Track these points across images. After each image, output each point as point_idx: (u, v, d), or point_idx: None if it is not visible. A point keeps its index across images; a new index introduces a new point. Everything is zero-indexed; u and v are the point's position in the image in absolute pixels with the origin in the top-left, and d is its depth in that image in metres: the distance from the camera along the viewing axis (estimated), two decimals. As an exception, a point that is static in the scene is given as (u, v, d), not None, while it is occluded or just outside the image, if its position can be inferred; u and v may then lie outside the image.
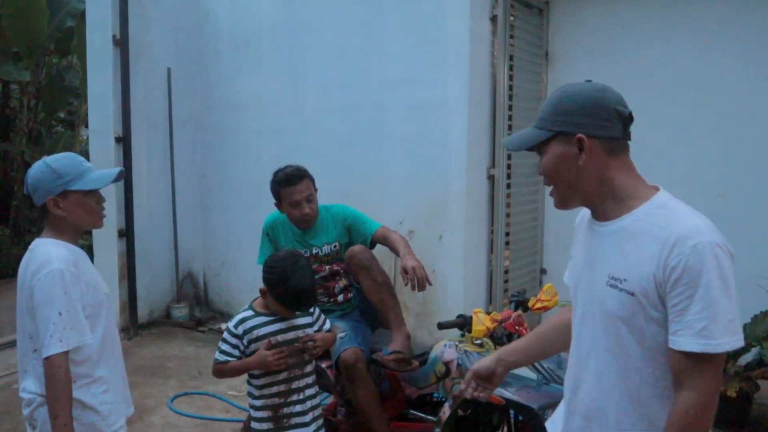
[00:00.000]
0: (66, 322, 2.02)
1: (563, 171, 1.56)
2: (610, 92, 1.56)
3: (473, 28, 4.78)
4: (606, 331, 1.55)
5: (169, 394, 4.55)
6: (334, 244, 3.22)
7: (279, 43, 5.81)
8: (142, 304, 6.04)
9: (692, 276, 1.38)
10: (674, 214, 1.47)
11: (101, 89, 5.79)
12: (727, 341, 1.38)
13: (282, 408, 2.57)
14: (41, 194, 2.15)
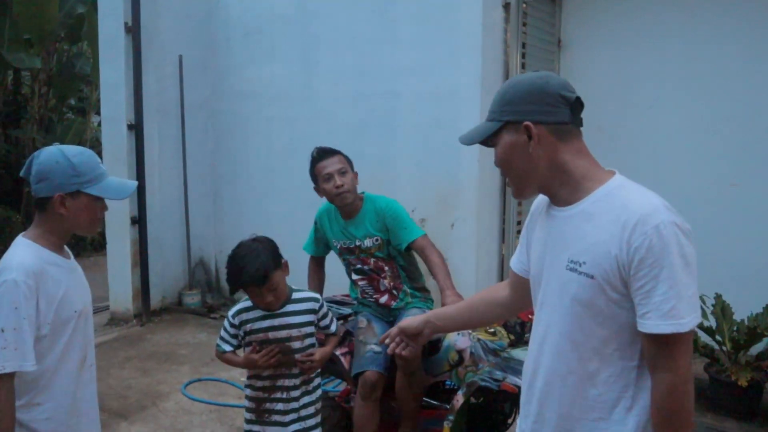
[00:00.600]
0: (9, 342, 1.81)
1: (515, 160, 1.55)
2: (553, 78, 1.55)
3: (486, 16, 4.76)
4: (564, 315, 1.52)
5: (182, 380, 4.59)
6: (376, 237, 3.10)
7: (291, 31, 5.80)
8: (154, 290, 6.09)
9: (656, 256, 1.37)
10: (631, 195, 1.45)
11: (113, 76, 5.81)
12: (691, 319, 1.38)
13: (264, 403, 2.55)
14: (50, 186, 1.93)
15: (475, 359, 2.78)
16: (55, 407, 1.98)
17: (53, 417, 1.97)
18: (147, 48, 5.83)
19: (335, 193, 3.07)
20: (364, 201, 3.17)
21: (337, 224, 3.22)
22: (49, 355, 1.94)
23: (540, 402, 1.61)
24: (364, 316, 3.13)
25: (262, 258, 2.38)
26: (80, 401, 2.06)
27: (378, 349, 2.93)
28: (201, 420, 4.02)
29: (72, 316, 2.00)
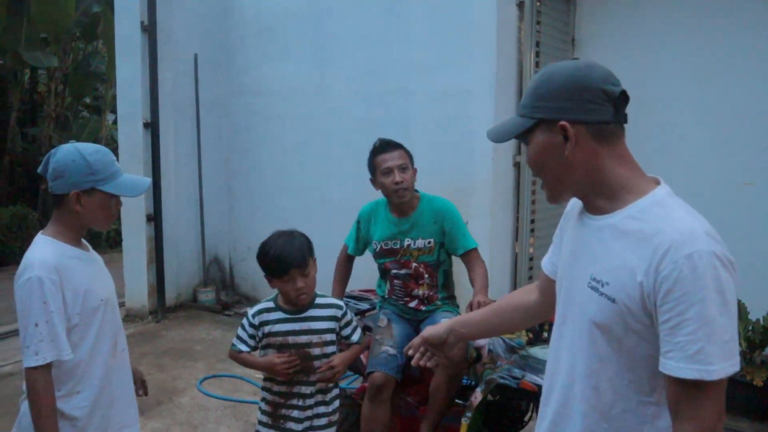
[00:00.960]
0: (42, 334, 1.88)
1: (549, 162, 1.38)
2: (595, 69, 1.35)
3: (500, 14, 4.76)
4: (582, 336, 1.38)
5: (197, 376, 4.63)
6: (429, 240, 3.05)
7: (304, 29, 5.83)
8: (169, 287, 6.14)
9: (685, 289, 1.19)
10: (670, 215, 1.27)
11: (129, 75, 5.86)
12: (723, 366, 1.19)
13: (281, 408, 2.46)
14: (66, 184, 1.98)
15: (494, 357, 2.79)
16: (92, 394, 2.05)
17: (91, 404, 2.05)
18: (162, 47, 5.88)
19: (393, 189, 2.99)
20: (420, 200, 3.11)
21: (387, 221, 3.14)
22: (82, 344, 2.02)
23: (553, 422, 1.48)
24: (386, 315, 3.12)
25: (302, 241, 2.39)
26: (115, 387, 2.14)
27: (392, 351, 2.93)
28: (216, 416, 4.05)
29: (99, 305, 2.06)
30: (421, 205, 3.10)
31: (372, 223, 3.20)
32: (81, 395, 2.03)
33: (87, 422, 2.05)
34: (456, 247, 3.06)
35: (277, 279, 2.36)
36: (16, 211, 9.20)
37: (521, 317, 1.81)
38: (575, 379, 1.40)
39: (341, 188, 5.65)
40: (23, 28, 9.41)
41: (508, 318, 1.82)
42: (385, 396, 2.90)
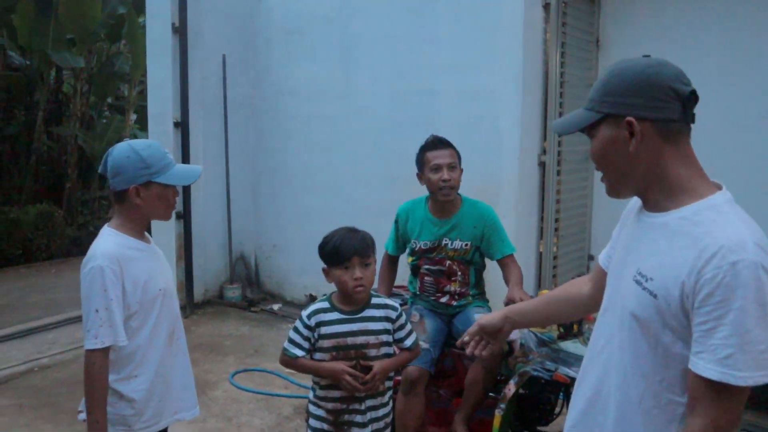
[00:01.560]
0: (102, 320, 2.01)
1: (613, 157, 1.41)
2: (666, 67, 1.38)
3: (526, 15, 4.82)
4: (621, 328, 1.41)
5: (228, 370, 4.74)
6: (467, 242, 3.12)
7: (331, 30, 5.92)
8: (197, 284, 6.26)
9: (726, 295, 1.21)
10: (723, 221, 1.28)
11: (161, 76, 5.99)
12: (752, 375, 1.20)
13: (343, 414, 2.35)
14: (123, 180, 2.10)
15: (525, 350, 2.87)
16: (149, 378, 2.17)
17: (148, 387, 2.17)
18: (192, 48, 6.01)
19: (440, 186, 3.04)
20: (462, 202, 3.18)
21: (427, 221, 3.19)
22: (141, 331, 2.15)
23: (583, 411, 1.52)
24: (418, 311, 3.19)
25: (365, 234, 2.37)
26: (171, 372, 2.25)
27: (425, 345, 3.00)
28: (249, 408, 4.15)
29: (157, 295, 2.18)
30: (462, 208, 3.17)
31: (410, 222, 3.26)
32: (139, 379, 2.15)
33: (145, 405, 2.17)
34: (494, 252, 3.14)
35: (337, 267, 2.29)
36: (41, 209, 9.37)
37: (572, 308, 1.84)
38: (611, 370, 1.43)
39: (367, 187, 5.73)
40: (50, 30, 9.59)
41: (560, 308, 1.87)
42: (419, 389, 2.98)
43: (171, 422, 2.29)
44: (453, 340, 3.15)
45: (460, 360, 3.17)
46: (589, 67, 5.50)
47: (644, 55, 1.45)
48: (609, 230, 5.59)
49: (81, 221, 10.46)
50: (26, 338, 5.55)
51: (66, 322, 6.00)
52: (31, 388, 4.48)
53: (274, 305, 6.36)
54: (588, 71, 5.49)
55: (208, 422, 3.94)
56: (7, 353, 5.16)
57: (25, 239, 9.00)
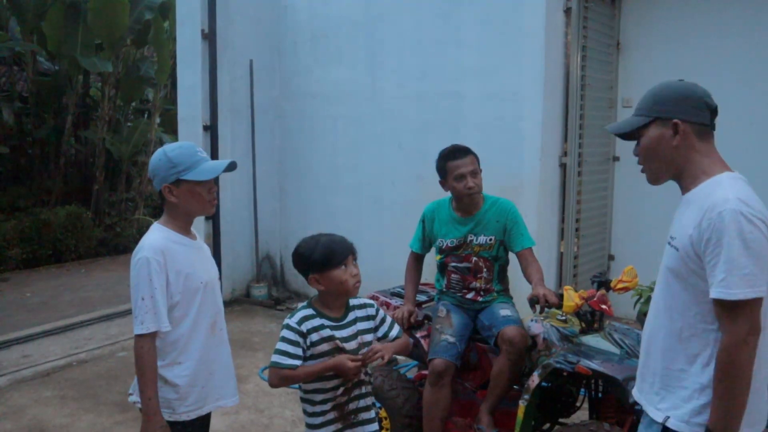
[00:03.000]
0: (148, 307, 2.16)
1: (659, 151, 1.85)
2: (699, 87, 1.85)
3: (549, 20, 4.93)
4: (661, 281, 1.89)
5: (258, 365, 4.90)
6: (491, 237, 3.26)
7: (357, 34, 6.06)
8: (225, 282, 6.43)
9: (717, 237, 1.66)
10: (719, 188, 1.73)
11: (190, 80, 6.19)
12: (742, 291, 1.64)
13: (348, 404, 2.35)
14: (158, 181, 2.28)
15: (548, 344, 2.97)
16: (192, 366, 2.32)
17: (191, 374, 2.31)
18: (221, 53, 6.19)
19: (466, 193, 3.20)
20: (484, 200, 3.32)
21: (451, 219, 3.33)
22: (184, 321, 2.29)
23: (646, 351, 1.95)
24: (444, 306, 3.32)
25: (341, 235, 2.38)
26: (213, 361, 2.39)
27: (452, 339, 3.13)
28: (280, 401, 4.30)
29: (199, 287, 2.31)
30: (485, 205, 3.30)
31: (436, 222, 3.39)
32: (182, 366, 2.30)
33: (188, 390, 2.32)
34: (514, 244, 3.26)
35: (335, 268, 2.25)
36: (70, 210, 9.59)
37: None
38: (659, 313, 1.89)
39: (393, 188, 5.87)
40: (79, 35, 9.83)
41: None
42: (445, 381, 3.10)
43: (213, 408, 2.42)
44: (478, 334, 3.28)
45: (485, 353, 3.28)
46: (609, 70, 5.59)
47: (680, 79, 1.89)
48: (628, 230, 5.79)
49: (108, 222, 10.69)
50: (63, 334, 5.76)
51: (99, 319, 6.21)
52: (71, 381, 4.68)
53: (299, 303, 6.50)
54: (608, 74, 5.59)
55: (241, 414, 4.10)
56: (47, 348, 5.37)
57: (55, 240, 9.23)
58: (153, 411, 2.19)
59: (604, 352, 2.84)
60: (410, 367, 4.43)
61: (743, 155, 4.93)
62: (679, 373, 1.82)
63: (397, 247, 3.87)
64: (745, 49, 4.87)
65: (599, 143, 5.56)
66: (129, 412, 4.07)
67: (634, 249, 5.54)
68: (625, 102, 5.58)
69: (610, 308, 2.97)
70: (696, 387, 1.78)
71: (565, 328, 3.02)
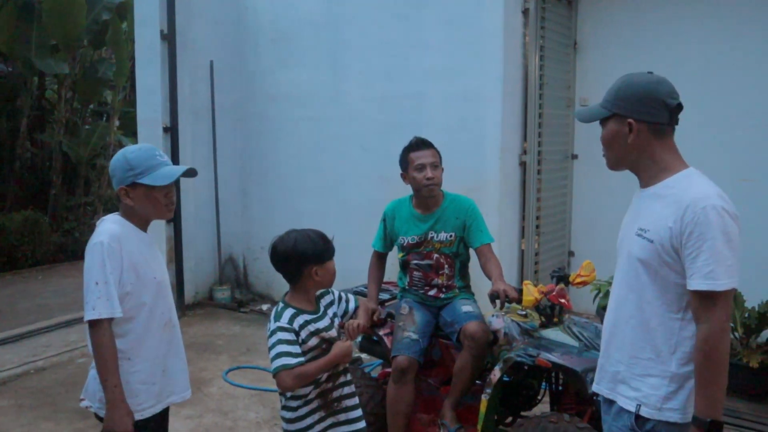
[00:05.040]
0: (101, 292, 2.11)
1: (614, 144, 1.95)
2: (663, 85, 1.90)
3: (507, 21, 5.02)
4: (629, 272, 1.94)
5: (222, 367, 4.86)
6: (451, 233, 3.30)
7: (320, 36, 6.07)
8: (188, 285, 6.37)
9: (702, 231, 1.74)
10: (693, 183, 1.83)
11: (150, 82, 6.10)
12: (727, 282, 1.73)
13: (332, 392, 2.43)
14: (116, 182, 2.27)
15: (509, 339, 3.03)
16: (145, 363, 2.30)
17: (144, 371, 2.29)
18: (181, 54, 6.12)
19: (424, 184, 3.23)
20: (444, 197, 3.36)
21: (411, 217, 3.36)
22: (136, 316, 2.26)
23: (608, 342, 2.02)
24: (407, 303, 3.35)
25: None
26: (166, 357, 2.38)
27: (415, 336, 3.16)
28: (245, 403, 4.28)
29: (152, 281, 2.30)
30: (444, 202, 3.35)
31: (397, 220, 3.42)
32: (134, 362, 2.27)
33: (140, 388, 2.29)
34: (473, 241, 3.30)
35: (330, 259, 2.41)
36: (27, 215, 9.36)
37: None
38: (624, 304, 1.96)
39: (357, 189, 5.88)
40: (33, 36, 9.61)
41: None
42: (409, 378, 3.13)
43: (165, 405, 2.40)
44: (440, 331, 3.32)
45: (448, 349, 3.32)
46: (567, 70, 5.70)
47: (648, 72, 1.95)
48: (588, 227, 5.88)
49: (66, 227, 10.46)
50: (20, 342, 5.62)
51: (58, 326, 6.08)
52: (29, 389, 4.58)
53: (263, 305, 6.49)
54: (566, 73, 5.70)
55: (205, 417, 4.07)
56: (2, 357, 5.24)
57: (11, 246, 9.00)
58: (119, 399, 2.16)
59: (563, 345, 2.91)
60: (374, 366, 4.45)
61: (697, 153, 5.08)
62: (647, 362, 1.89)
63: (361, 247, 3.89)
64: (697, 49, 5.02)
65: (558, 142, 5.67)
66: (89, 419, 3.99)
67: (594, 245, 5.64)
68: (582, 101, 5.70)
69: (569, 302, 3.04)
70: (666, 375, 1.86)
71: (526, 322, 3.08)
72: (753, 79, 4.83)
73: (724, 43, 4.91)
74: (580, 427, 2.68)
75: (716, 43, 4.94)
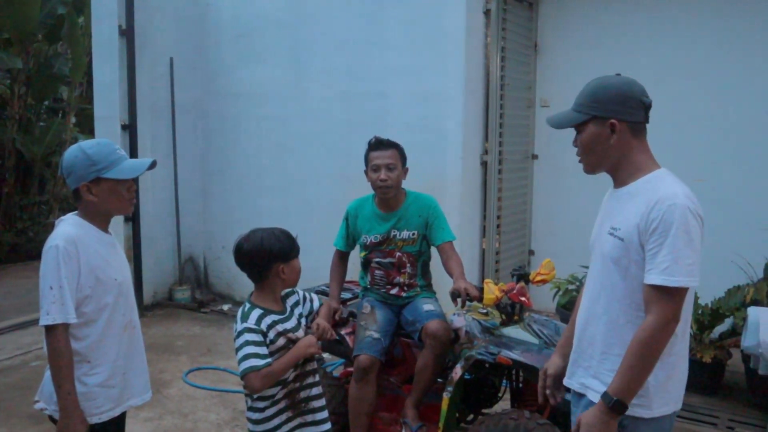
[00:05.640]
0: (55, 297, 2.07)
1: (596, 147, 1.94)
2: (636, 85, 1.94)
3: (469, 22, 5.06)
4: (601, 270, 1.97)
5: (182, 369, 4.79)
6: (414, 231, 3.32)
7: (282, 34, 6.02)
8: (147, 286, 6.25)
9: (665, 228, 1.77)
10: (663, 183, 1.86)
11: (107, 78, 5.98)
12: (683, 279, 1.76)
13: (299, 392, 2.44)
14: (75, 179, 2.19)
15: (470, 337, 3.05)
16: (105, 366, 2.25)
17: (104, 374, 2.25)
18: (140, 50, 6.00)
19: (378, 185, 3.25)
20: (406, 196, 3.37)
21: (373, 215, 3.37)
22: (97, 319, 2.22)
23: (580, 338, 2.05)
24: (369, 302, 3.35)
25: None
26: (127, 358, 2.33)
27: (376, 335, 3.17)
28: (205, 404, 4.23)
29: (113, 284, 2.25)
30: (407, 201, 3.36)
31: (359, 219, 3.42)
32: (92, 365, 2.23)
33: (99, 391, 2.24)
34: (435, 238, 3.32)
35: (296, 257, 2.40)
36: (-22, 214, 9.10)
37: None
38: (598, 300, 1.98)
39: (319, 188, 5.86)
40: (-15, 29, 9.33)
41: None
42: (371, 377, 3.13)
43: (125, 408, 2.36)
44: (402, 330, 3.33)
45: (410, 348, 3.34)
46: (527, 71, 5.78)
47: (617, 74, 1.98)
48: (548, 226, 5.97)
49: (20, 227, 10.16)
50: (-30, 345, 5.45)
51: (11, 328, 5.91)
52: (-21, 393, 4.44)
53: (223, 305, 6.41)
54: (527, 74, 5.77)
55: (164, 419, 4.00)
56: (-49, 360, 5.07)
57: (-38, 246, 8.74)
58: (73, 406, 2.12)
59: (524, 343, 2.95)
60: (336, 366, 4.44)
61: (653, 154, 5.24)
62: (616, 357, 1.90)
63: (323, 246, 3.88)
64: (655, 50, 5.14)
65: (518, 142, 5.74)
66: (43, 423, 3.88)
67: (553, 244, 5.74)
68: (542, 102, 5.78)
69: (529, 300, 3.08)
70: None
71: (487, 320, 3.11)
72: (706, 81, 4.98)
73: (681, 47, 5.05)
74: (541, 423, 2.72)
75: (673, 46, 5.07)
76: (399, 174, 3.29)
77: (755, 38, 4.87)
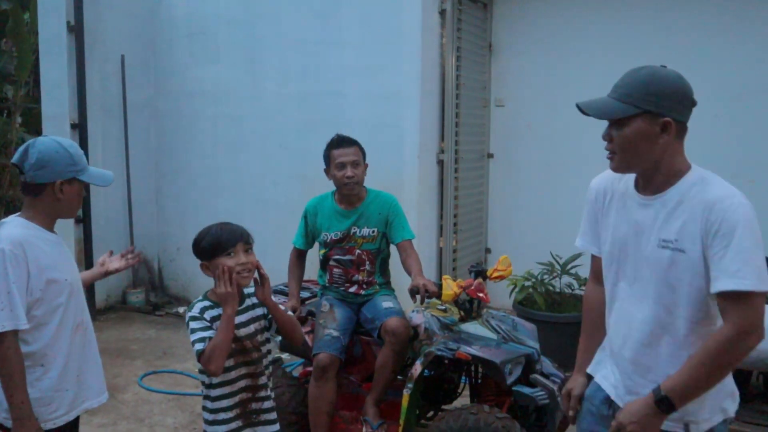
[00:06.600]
0: (3, 304, 2.01)
1: (641, 145, 1.73)
2: (687, 81, 1.76)
3: (425, 21, 5.09)
4: (657, 289, 1.76)
5: (137, 373, 4.69)
6: (374, 229, 3.35)
7: (236, 32, 5.95)
8: (99, 289, 6.09)
9: (729, 228, 1.61)
10: (713, 183, 1.71)
11: (56, 76, 5.81)
12: (755, 283, 1.59)
13: (251, 403, 2.39)
14: (49, 173, 2.12)
15: (430, 333, 3.08)
16: (58, 369, 2.19)
17: (56, 377, 2.19)
18: (90, 47, 5.85)
19: (344, 182, 3.27)
20: (367, 193, 3.40)
21: (334, 212, 3.38)
22: (49, 321, 2.16)
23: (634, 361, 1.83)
24: (328, 300, 3.35)
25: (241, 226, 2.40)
26: (81, 360, 2.28)
27: (336, 333, 3.17)
28: (161, 408, 4.16)
29: (64, 285, 2.20)
30: (368, 198, 3.39)
31: (319, 216, 3.42)
32: (46, 369, 2.17)
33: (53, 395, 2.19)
34: (395, 236, 3.35)
35: (221, 256, 2.27)
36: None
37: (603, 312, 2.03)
38: (659, 323, 1.77)
39: (275, 188, 5.82)
40: (-77, 26, 8.97)
41: (602, 323, 2.03)
42: (330, 375, 3.13)
43: (80, 411, 2.31)
44: (361, 327, 3.33)
45: (369, 346, 3.34)
46: (483, 71, 5.85)
47: (662, 65, 1.79)
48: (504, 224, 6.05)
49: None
50: None
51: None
52: None
53: (179, 308, 6.30)
54: (482, 74, 5.84)
55: (119, 425, 3.92)
56: None
57: None
58: (26, 415, 2.06)
59: (482, 338, 2.99)
60: (295, 366, 4.42)
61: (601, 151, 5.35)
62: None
63: (280, 246, 3.85)
64: (607, 51, 5.23)
65: (474, 141, 5.80)
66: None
67: (509, 241, 5.82)
68: (497, 101, 5.86)
69: (487, 296, 3.13)
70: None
71: (445, 317, 3.15)
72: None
73: (631, 46, 5.16)
74: (500, 417, 2.77)
75: (623, 45, 5.17)
76: (362, 170, 3.35)
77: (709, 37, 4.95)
